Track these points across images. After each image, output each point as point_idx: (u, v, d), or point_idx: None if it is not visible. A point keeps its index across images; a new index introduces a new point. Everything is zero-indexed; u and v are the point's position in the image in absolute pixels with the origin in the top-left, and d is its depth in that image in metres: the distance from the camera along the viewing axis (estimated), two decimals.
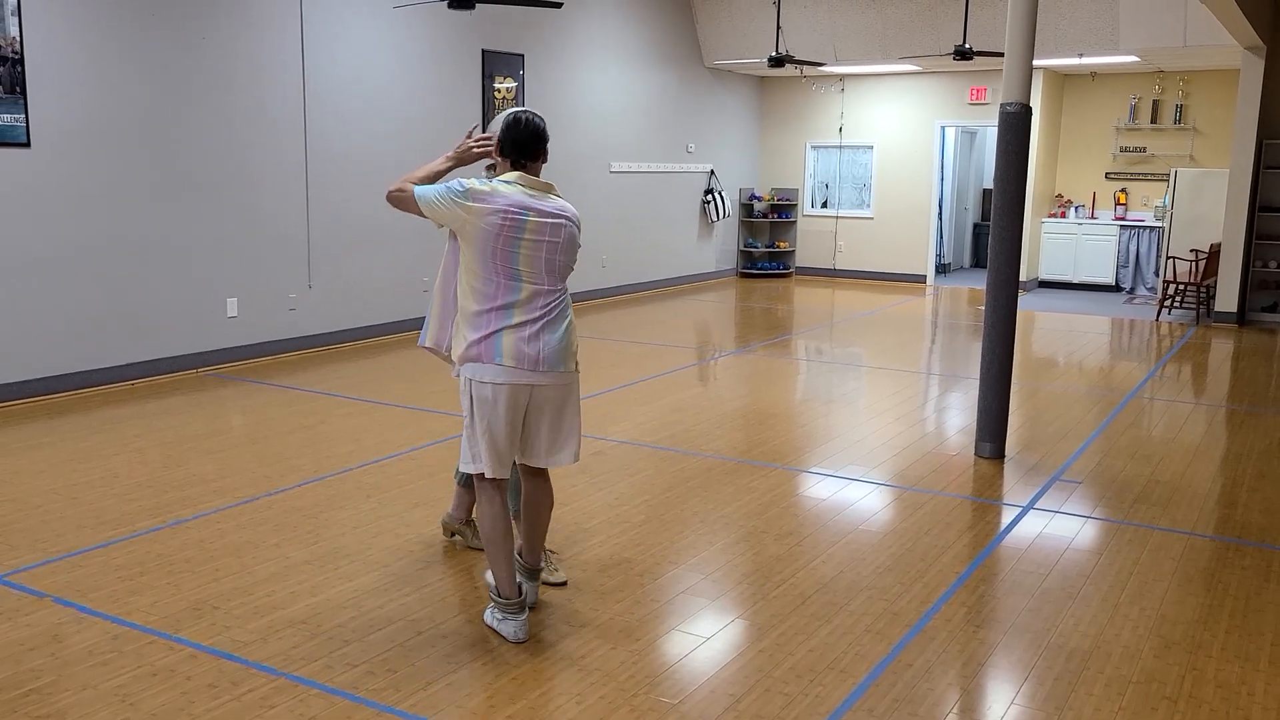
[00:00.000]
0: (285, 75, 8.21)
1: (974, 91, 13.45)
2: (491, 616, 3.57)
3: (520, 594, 3.52)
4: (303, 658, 3.36)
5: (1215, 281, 11.18)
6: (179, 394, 7.07)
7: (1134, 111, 13.24)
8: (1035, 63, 11.93)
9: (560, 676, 3.27)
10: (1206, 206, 11.79)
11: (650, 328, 10.26)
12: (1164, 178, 13.00)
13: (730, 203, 14.36)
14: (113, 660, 3.33)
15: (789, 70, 13.01)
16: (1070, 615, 3.78)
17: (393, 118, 9.18)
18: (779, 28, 11.86)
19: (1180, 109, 12.98)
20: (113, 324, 7.23)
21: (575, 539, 4.45)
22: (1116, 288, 13.49)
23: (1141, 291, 13.33)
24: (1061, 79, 13.55)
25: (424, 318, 3.76)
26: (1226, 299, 11.08)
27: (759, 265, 14.92)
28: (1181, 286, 11.38)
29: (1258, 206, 11.16)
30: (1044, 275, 13.87)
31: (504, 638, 3.50)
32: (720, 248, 14.55)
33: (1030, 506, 5.01)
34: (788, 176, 15.01)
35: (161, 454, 5.63)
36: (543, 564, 3.89)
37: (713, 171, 14.02)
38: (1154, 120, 13.15)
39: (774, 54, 11.04)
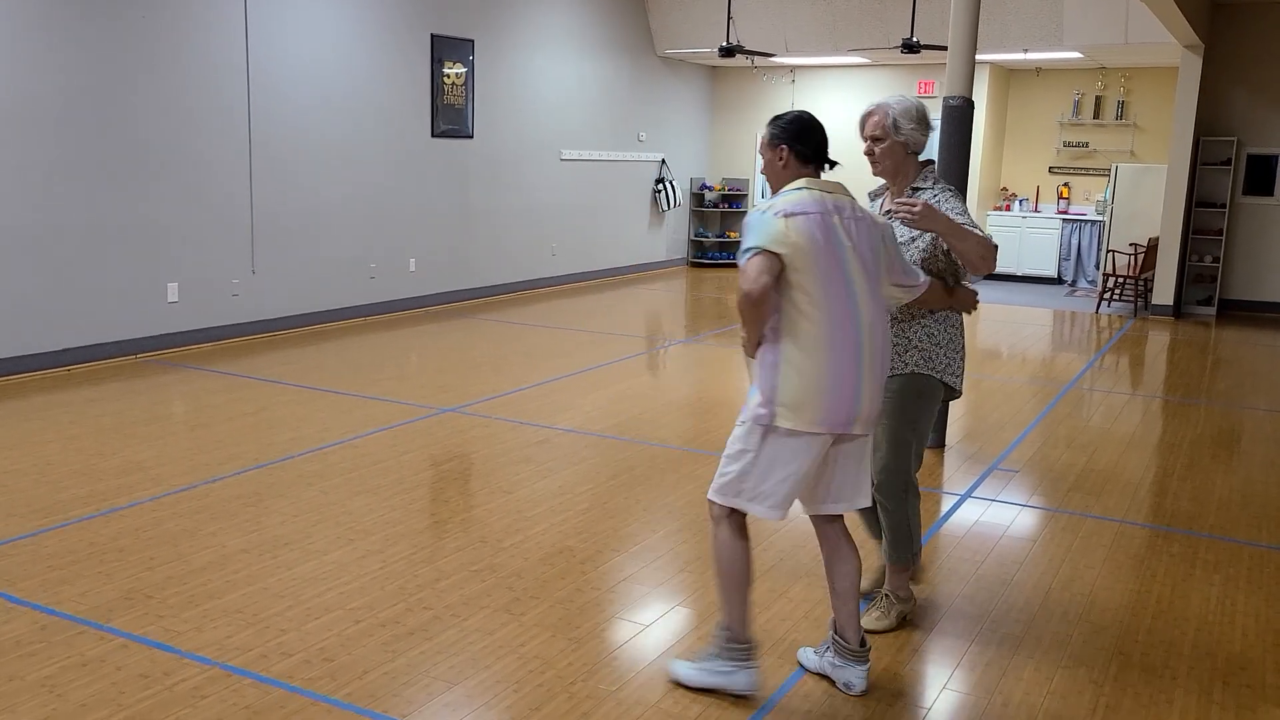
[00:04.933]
0: (228, 55, 8.07)
1: (922, 85, 13.59)
2: (710, 672, 3.13)
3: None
4: (237, 647, 3.32)
5: (1153, 275, 11.42)
6: (117, 380, 6.94)
7: (1077, 107, 13.46)
8: (981, 57, 12.09)
9: (498, 664, 3.27)
10: (1145, 201, 12.04)
11: (599, 316, 10.25)
12: (1105, 172, 13.24)
13: (681, 192, 14.38)
14: (41, 651, 3.26)
15: (740, 60, 13.04)
16: (1004, 601, 3.85)
17: (339, 101, 9.06)
18: (730, 17, 11.87)
19: (1122, 105, 13.22)
20: (48, 308, 7.07)
21: (517, 527, 4.45)
22: (1059, 280, 13.73)
23: (1082, 284, 13.58)
24: (1007, 74, 13.74)
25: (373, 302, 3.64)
26: (1163, 292, 11.33)
27: (709, 255, 14.96)
28: (1121, 280, 11.60)
29: (1194, 202, 11.42)
30: None
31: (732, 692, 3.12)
32: (671, 237, 14.57)
33: (968, 494, 5.10)
34: (739, 167, 15.06)
35: (98, 441, 5.53)
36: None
37: (664, 161, 14.02)
38: (1096, 116, 13.38)
39: (725, 44, 11.06)
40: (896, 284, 3.23)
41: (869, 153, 3.50)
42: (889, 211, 3.49)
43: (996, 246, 3.18)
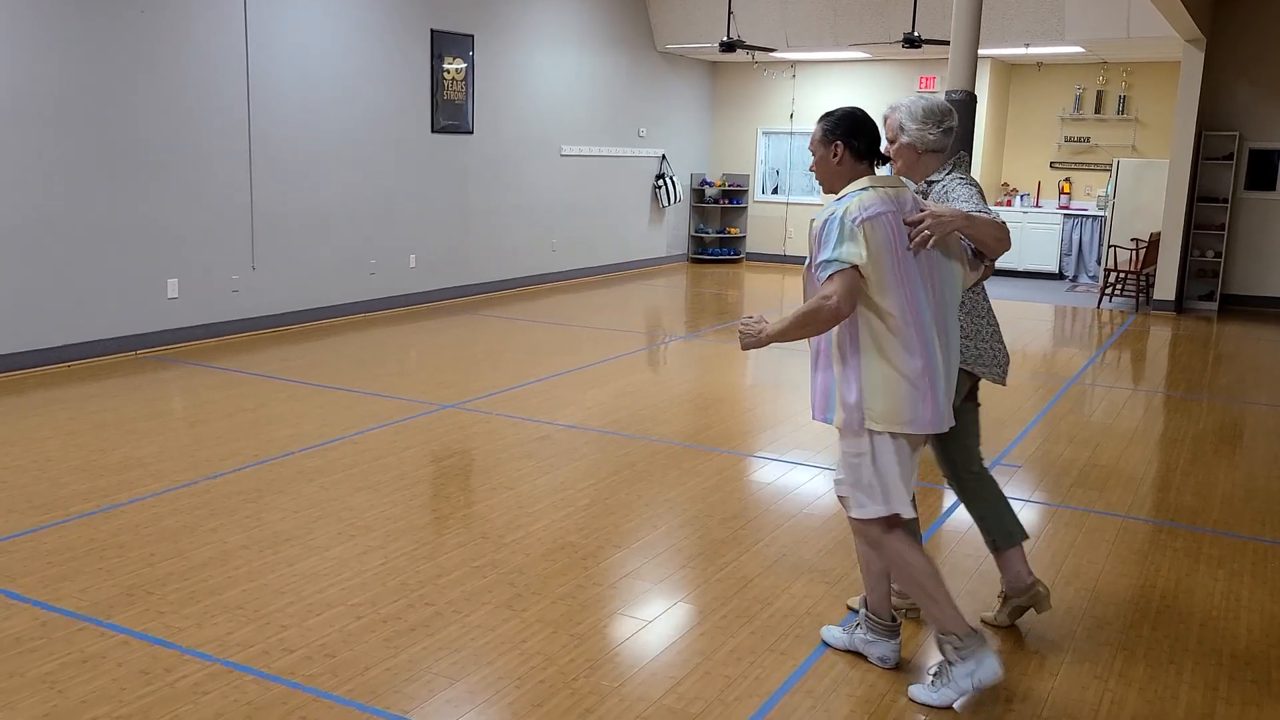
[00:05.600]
0: (228, 51, 8.05)
1: (923, 80, 13.56)
2: (959, 679, 3.05)
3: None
4: (238, 643, 3.31)
5: (1155, 270, 11.40)
6: (117, 376, 6.92)
7: (1078, 102, 13.43)
8: (982, 52, 12.05)
9: (500, 660, 3.25)
10: (1147, 196, 12.01)
11: (600, 312, 10.23)
12: (1107, 167, 13.22)
13: (681, 188, 14.35)
14: (41, 647, 3.25)
15: (741, 55, 13.02)
16: None
17: (339, 96, 9.04)
18: (730, 12, 11.84)
19: (1123, 100, 13.19)
20: (48, 304, 7.06)
21: (519, 523, 4.43)
22: (1060, 276, 13.70)
23: (1084, 279, 13.55)
24: (1008, 69, 13.71)
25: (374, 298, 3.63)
26: (1165, 287, 11.31)
27: (710, 251, 14.94)
28: (1122, 275, 11.58)
29: (1196, 196, 11.40)
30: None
31: (977, 688, 3.05)
32: (671, 233, 14.54)
33: None
34: (739, 162, 15.03)
35: (98, 437, 5.51)
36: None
37: (664, 156, 13.99)
38: (1098, 111, 13.35)
39: (725, 39, 11.03)
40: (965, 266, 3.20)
41: (886, 153, 3.50)
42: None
43: (1003, 224, 3.16)
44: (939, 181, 3.41)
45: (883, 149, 3.18)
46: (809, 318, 2.91)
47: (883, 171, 3.12)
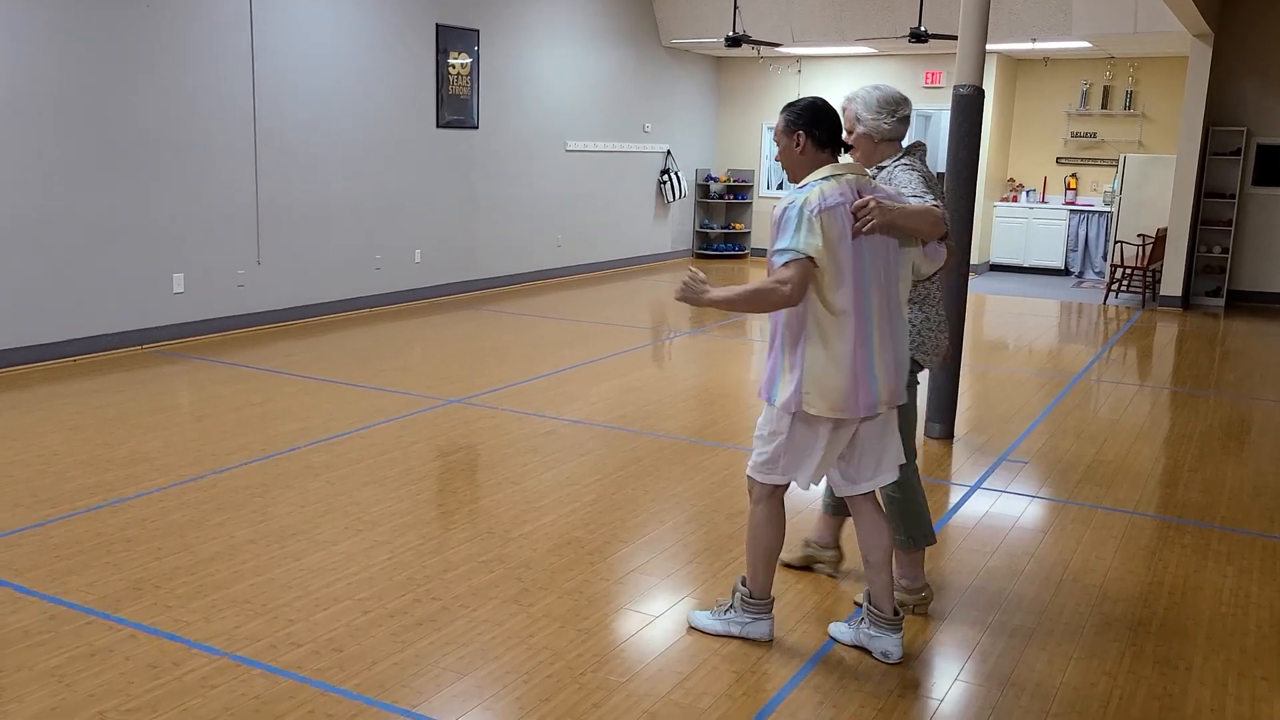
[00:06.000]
0: (233, 46, 8.04)
1: (929, 75, 13.52)
2: (730, 622, 3.39)
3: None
4: (246, 637, 3.31)
5: (1161, 266, 11.37)
6: (122, 371, 6.92)
7: (1085, 97, 13.39)
8: (989, 47, 12.00)
9: (507, 655, 3.25)
10: (1154, 192, 11.98)
11: (605, 308, 10.22)
12: (1113, 163, 13.17)
13: (686, 183, 14.33)
14: (49, 641, 3.25)
15: (746, 51, 12.98)
16: (1015, 593, 3.83)
17: (344, 92, 9.03)
18: (735, 7, 11.81)
19: (1130, 95, 13.14)
20: (54, 299, 7.06)
21: (525, 518, 4.43)
22: (1066, 271, 13.67)
23: (1090, 275, 13.52)
24: (1015, 64, 13.67)
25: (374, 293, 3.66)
26: (1171, 283, 11.27)
27: (715, 246, 14.92)
28: (1128, 271, 11.56)
29: (1203, 192, 11.36)
30: (995, 259, 14.02)
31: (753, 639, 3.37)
32: (676, 228, 14.53)
33: (977, 486, 5.07)
34: (744, 158, 15.00)
35: (103, 432, 5.51)
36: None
37: (669, 152, 13.97)
38: (1104, 106, 13.30)
39: (731, 34, 11.00)
40: (922, 254, 3.28)
41: (845, 142, 3.60)
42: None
43: (939, 210, 3.22)
44: (886, 167, 3.53)
45: (844, 138, 3.27)
46: (758, 296, 3.05)
47: (845, 159, 3.21)
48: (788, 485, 3.31)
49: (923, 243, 3.25)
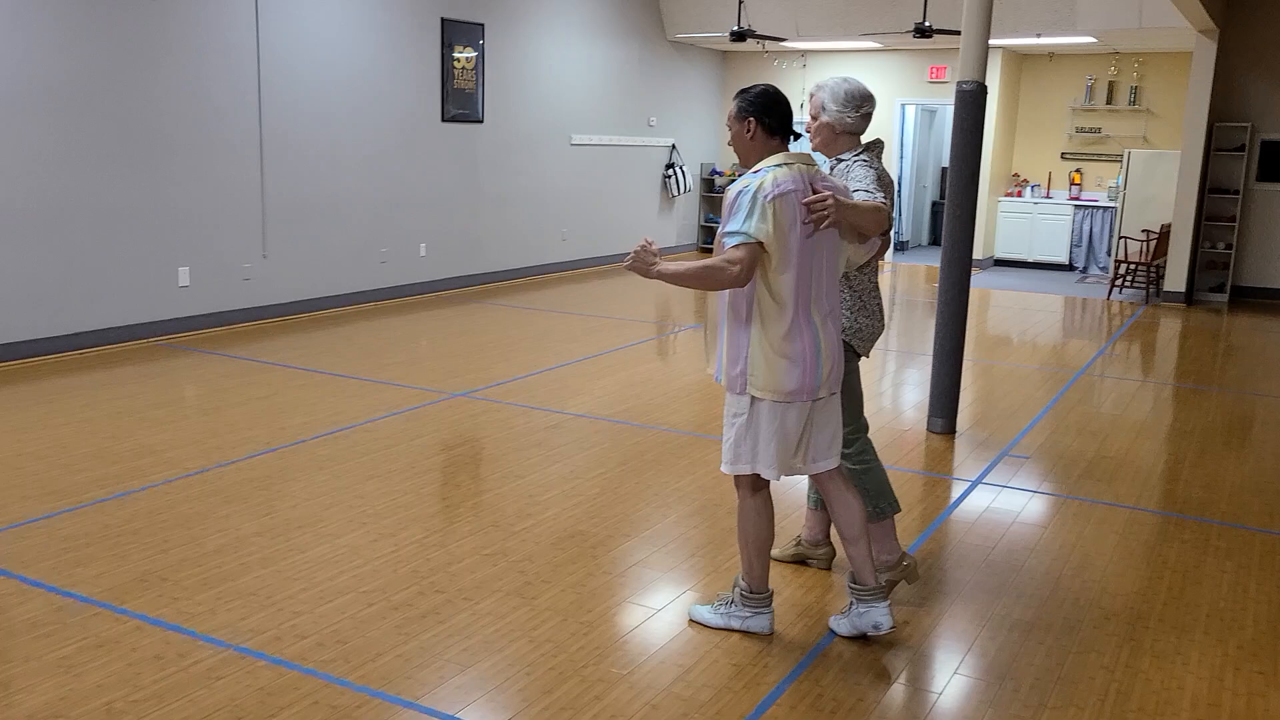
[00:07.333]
0: (240, 39, 8.06)
1: (934, 70, 13.51)
2: (730, 616, 3.44)
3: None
4: (251, 629, 3.34)
5: (1165, 261, 11.37)
6: (129, 364, 6.96)
7: (1090, 92, 13.37)
8: (994, 42, 12.01)
9: (510, 647, 3.28)
10: (1158, 187, 11.97)
11: (610, 301, 10.25)
12: (1118, 158, 13.16)
13: (691, 177, 14.34)
14: (56, 632, 3.29)
15: (751, 45, 12.98)
16: (1014, 587, 3.85)
17: (350, 85, 9.06)
18: (741, 1, 11.81)
19: (1135, 91, 13.13)
20: (61, 293, 7.10)
21: (529, 512, 4.46)
22: (1070, 267, 13.67)
23: (1094, 271, 13.52)
24: (1020, 59, 13.65)
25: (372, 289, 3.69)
26: (1175, 279, 11.27)
27: None
28: (1132, 266, 11.55)
29: (1207, 188, 11.35)
30: (999, 254, 14.02)
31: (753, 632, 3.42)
32: (681, 222, 14.54)
33: (979, 481, 5.09)
34: None
35: (110, 424, 5.55)
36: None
37: (674, 146, 13.98)
38: (1109, 101, 13.29)
39: (736, 28, 11.00)
40: (859, 244, 3.38)
41: (806, 129, 3.67)
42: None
43: (882, 207, 3.27)
44: (846, 161, 3.59)
45: (804, 125, 3.35)
46: (707, 273, 3.11)
47: (796, 148, 3.27)
48: (769, 481, 3.34)
49: (864, 236, 3.33)
